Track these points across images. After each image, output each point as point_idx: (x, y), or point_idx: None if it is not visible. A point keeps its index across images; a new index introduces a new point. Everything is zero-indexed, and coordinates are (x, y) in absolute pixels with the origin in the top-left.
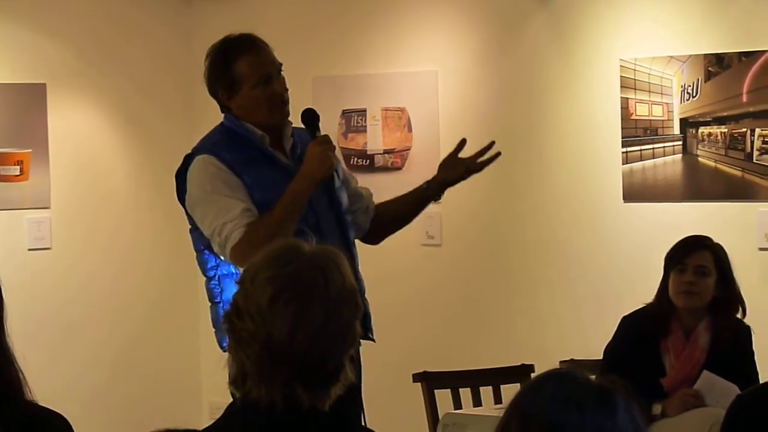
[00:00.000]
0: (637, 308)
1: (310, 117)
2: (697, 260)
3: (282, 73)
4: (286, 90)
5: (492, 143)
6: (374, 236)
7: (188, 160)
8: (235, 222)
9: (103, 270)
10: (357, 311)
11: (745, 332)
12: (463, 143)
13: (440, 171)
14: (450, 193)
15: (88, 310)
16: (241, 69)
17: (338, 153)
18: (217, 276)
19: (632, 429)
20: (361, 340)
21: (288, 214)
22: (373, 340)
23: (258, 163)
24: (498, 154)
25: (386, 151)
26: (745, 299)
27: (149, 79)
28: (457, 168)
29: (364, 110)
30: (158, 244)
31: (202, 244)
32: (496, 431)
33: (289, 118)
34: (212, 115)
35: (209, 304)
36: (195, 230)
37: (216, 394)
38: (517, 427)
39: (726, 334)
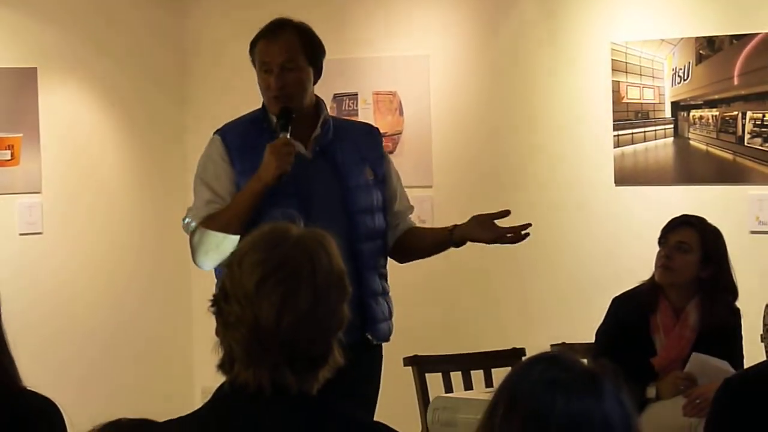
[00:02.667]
0: (628, 289)
1: (283, 115)
2: (678, 237)
3: (291, 70)
4: (293, 86)
5: (528, 225)
6: (401, 256)
7: (212, 138)
8: (196, 211)
9: (95, 254)
10: (345, 294)
11: (735, 314)
12: (506, 213)
13: (471, 225)
14: (440, 177)
15: (79, 295)
16: (256, 51)
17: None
18: None
19: (620, 413)
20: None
21: (234, 216)
22: (372, 344)
23: (259, 151)
24: (527, 234)
25: None
26: (736, 282)
27: (141, 63)
28: (487, 233)
29: (356, 94)
30: (151, 228)
31: None
32: (484, 414)
33: (326, 109)
34: (204, 99)
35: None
36: None
37: (208, 378)
38: (505, 410)
39: (715, 314)
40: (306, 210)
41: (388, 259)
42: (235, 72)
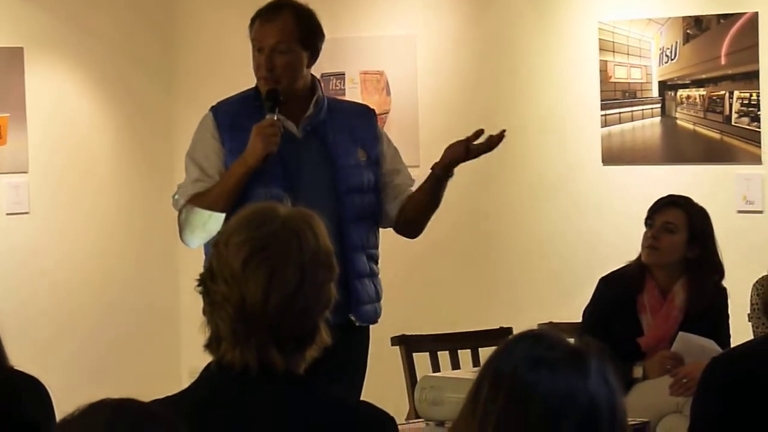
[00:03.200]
0: (615, 269)
1: (270, 97)
2: (664, 217)
3: (282, 53)
4: (283, 69)
5: (503, 131)
6: (408, 230)
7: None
8: (184, 189)
9: (82, 234)
10: (332, 273)
11: (722, 294)
12: (480, 132)
13: (445, 152)
14: (426, 156)
15: (66, 275)
16: (252, 29)
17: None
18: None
19: (605, 391)
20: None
21: (219, 195)
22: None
23: (248, 131)
24: (501, 137)
25: None
26: (723, 261)
27: (129, 43)
28: (461, 149)
29: (343, 74)
30: (138, 208)
31: None
32: (469, 392)
33: (321, 90)
34: (193, 78)
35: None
36: None
37: (195, 359)
38: (490, 387)
39: (702, 294)
40: (293, 189)
41: (379, 241)
42: (223, 52)
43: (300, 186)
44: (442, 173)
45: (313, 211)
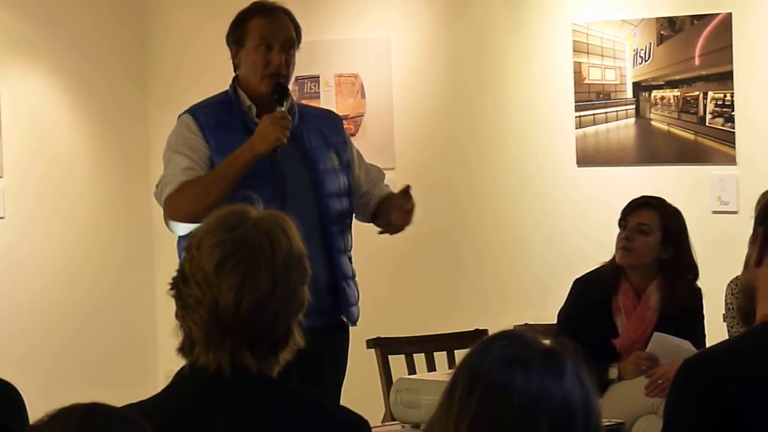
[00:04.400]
0: (590, 270)
1: (279, 90)
2: (638, 218)
3: (293, 52)
4: (286, 67)
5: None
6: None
7: (179, 118)
8: (173, 176)
9: (57, 239)
10: (305, 276)
11: (696, 294)
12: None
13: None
14: (401, 158)
15: (42, 280)
16: (251, 27)
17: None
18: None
19: (580, 391)
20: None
21: (217, 181)
22: (347, 325)
23: (234, 130)
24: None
25: None
26: (698, 262)
27: (103, 47)
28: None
29: (317, 77)
30: (112, 212)
31: None
32: (444, 392)
33: (293, 96)
34: (168, 80)
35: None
36: None
37: (172, 362)
38: (464, 386)
39: (676, 294)
40: (281, 193)
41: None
42: (198, 53)
43: (286, 189)
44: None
45: (300, 214)
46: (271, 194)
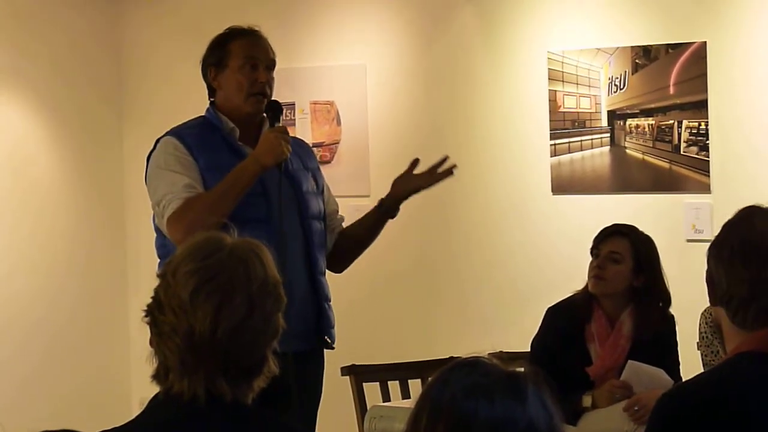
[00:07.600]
0: (562, 298)
1: (273, 108)
2: (610, 247)
3: (273, 74)
4: (270, 87)
5: (446, 157)
6: (338, 263)
7: (157, 142)
8: (174, 194)
9: (28, 262)
10: (280, 303)
11: (669, 321)
12: (416, 162)
13: (393, 187)
14: (377, 186)
15: (12, 304)
16: (233, 47)
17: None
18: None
19: (543, 415)
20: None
21: (225, 194)
22: (332, 347)
23: (219, 150)
24: (453, 167)
25: (315, 145)
26: (672, 290)
27: (77, 68)
28: (410, 182)
29: (293, 104)
30: (85, 236)
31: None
32: (407, 424)
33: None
34: (141, 107)
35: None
36: None
37: (146, 389)
38: (428, 417)
39: (649, 322)
40: (278, 214)
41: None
42: (174, 76)
43: (282, 210)
44: (392, 206)
45: (291, 235)
46: (277, 210)
